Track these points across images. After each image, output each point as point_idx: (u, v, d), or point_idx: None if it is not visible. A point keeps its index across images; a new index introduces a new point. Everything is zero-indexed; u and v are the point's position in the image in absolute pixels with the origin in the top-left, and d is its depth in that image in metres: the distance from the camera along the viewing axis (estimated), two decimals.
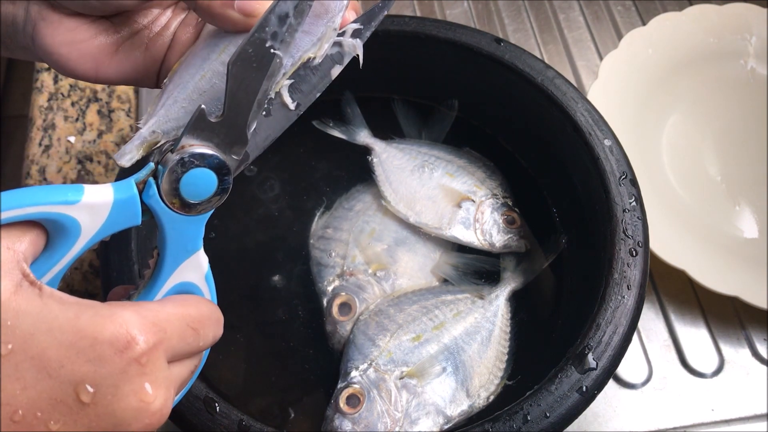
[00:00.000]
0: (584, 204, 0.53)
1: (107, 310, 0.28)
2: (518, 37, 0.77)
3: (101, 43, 0.40)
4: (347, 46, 0.38)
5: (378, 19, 0.39)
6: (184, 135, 0.33)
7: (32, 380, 0.26)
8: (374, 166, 0.60)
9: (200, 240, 0.35)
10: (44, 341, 0.26)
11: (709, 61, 0.72)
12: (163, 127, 0.38)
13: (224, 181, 0.34)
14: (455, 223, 0.56)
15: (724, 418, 0.56)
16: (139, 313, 0.29)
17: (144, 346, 0.28)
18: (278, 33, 0.34)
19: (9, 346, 0.26)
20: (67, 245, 0.30)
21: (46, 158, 0.67)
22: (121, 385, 0.27)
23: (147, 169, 0.33)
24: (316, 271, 0.56)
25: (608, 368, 0.44)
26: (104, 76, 0.41)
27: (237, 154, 0.34)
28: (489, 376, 0.51)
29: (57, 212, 0.29)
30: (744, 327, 0.60)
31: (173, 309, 0.31)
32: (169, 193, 0.33)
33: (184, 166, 0.33)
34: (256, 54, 0.34)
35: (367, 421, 0.47)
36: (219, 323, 0.34)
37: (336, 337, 0.53)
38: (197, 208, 0.34)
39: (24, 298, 0.27)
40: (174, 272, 0.34)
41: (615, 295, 0.46)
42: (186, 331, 0.31)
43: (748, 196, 0.66)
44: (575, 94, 0.54)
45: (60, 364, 0.26)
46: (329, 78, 0.38)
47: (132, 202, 0.32)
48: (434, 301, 0.53)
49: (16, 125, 1.55)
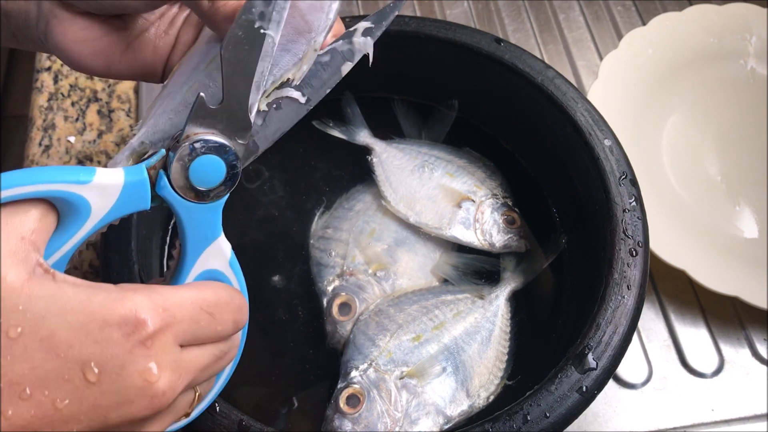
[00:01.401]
0: (584, 204, 0.53)
1: (118, 293, 0.29)
2: (518, 37, 0.77)
3: (112, 40, 0.41)
4: (358, 44, 0.38)
5: (389, 19, 0.39)
6: (188, 124, 0.33)
7: (40, 360, 0.27)
8: (374, 166, 0.60)
9: (219, 227, 0.35)
10: (55, 323, 0.28)
11: (709, 61, 0.72)
12: (152, 138, 0.39)
13: (233, 167, 0.34)
14: (455, 223, 0.56)
15: (724, 418, 0.56)
16: (149, 297, 0.30)
17: (151, 328, 0.29)
18: (265, 13, 0.34)
19: (18, 330, 0.27)
20: (76, 225, 0.31)
21: (46, 158, 0.67)
22: (126, 365, 0.28)
23: (158, 156, 0.33)
24: (316, 271, 0.56)
25: (608, 368, 0.44)
26: (115, 72, 0.42)
27: (242, 138, 0.34)
28: (489, 376, 0.51)
29: (68, 191, 0.30)
30: (744, 327, 0.60)
31: (187, 293, 0.31)
32: (180, 182, 0.33)
33: (191, 154, 0.33)
34: (246, 36, 0.34)
35: (367, 421, 0.47)
36: (241, 309, 0.34)
37: (336, 337, 0.53)
38: (209, 195, 0.34)
39: (37, 283, 0.28)
40: (197, 261, 0.35)
41: (615, 295, 0.46)
42: (199, 315, 0.31)
43: (748, 196, 0.66)
44: (575, 94, 0.54)
45: (69, 344, 0.28)
46: (339, 74, 0.38)
47: (142, 186, 0.33)
48: (434, 301, 0.53)
49: (16, 125, 1.55)
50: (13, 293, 0.27)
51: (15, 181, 0.29)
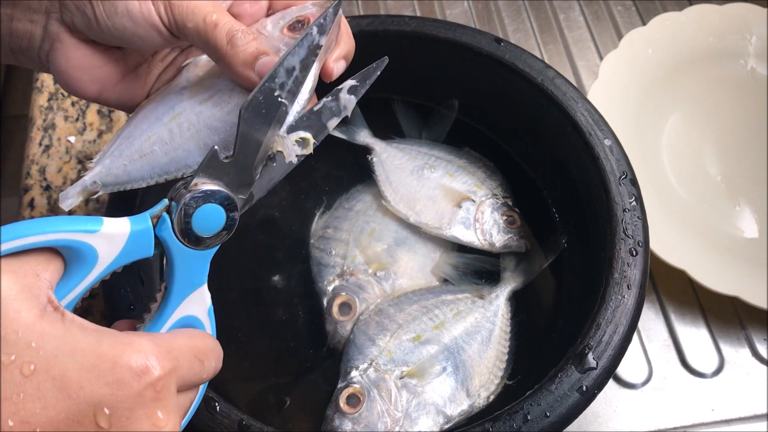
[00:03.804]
0: (584, 204, 0.53)
1: (126, 338, 0.30)
2: (518, 37, 0.77)
3: (110, 70, 0.43)
4: (344, 101, 0.41)
5: (372, 78, 0.43)
6: (198, 174, 0.36)
7: (53, 400, 0.27)
8: (374, 166, 0.60)
9: (205, 274, 0.37)
10: (66, 363, 0.28)
11: (709, 61, 0.72)
12: (105, 180, 0.42)
13: (231, 218, 0.37)
14: (455, 223, 0.56)
15: (724, 418, 0.56)
16: (155, 342, 0.30)
17: (161, 372, 0.29)
18: (285, 84, 0.38)
19: (32, 367, 0.27)
20: (83, 272, 0.32)
21: (46, 158, 0.67)
22: (136, 408, 0.28)
23: (161, 205, 0.35)
24: (316, 271, 0.56)
25: (608, 368, 0.44)
26: (104, 99, 0.44)
27: (243, 193, 0.38)
28: (489, 376, 0.51)
29: (77, 240, 0.31)
30: (744, 327, 0.60)
31: (183, 340, 0.32)
32: (182, 227, 0.35)
33: (197, 202, 0.35)
34: (265, 101, 0.37)
35: (367, 421, 0.47)
36: (220, 357, 0.35)
37: (336, 336, 0.53)
38: (206, 242, 0.36)
39: (48, 322, 0.28)
40: (180, 305, 0.36)
41: (615, 294, 0.46)
42: (194, 362, 0.32)
43: (748, 196, 0.66)
44: (575, 94, 0.54)
45: (80, 385, 0.27)
46: (327, 129, 0.41)
47: (146, 234, 0.34)
48: (434, 301, 0.53)
49: (16, 125, 1.55)
50: (27, 330, 0.27)
51: (27, 231, 0.30)
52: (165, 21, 0.39)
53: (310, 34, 0.39)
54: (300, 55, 0.39)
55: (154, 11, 0.39)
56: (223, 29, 0.39)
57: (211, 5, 0.40)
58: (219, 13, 0.39)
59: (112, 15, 0.39)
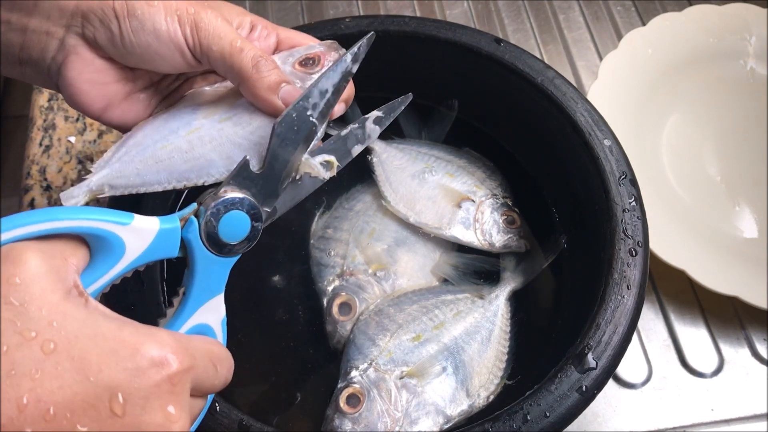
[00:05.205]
0: (584, 204, 0.53)
1: (147, 329, 0.30)
2: (518, 37, 0.77)
3: (118, 89, 0.43)
4: (369, 130, 0.45)
5: (397, 111, 0.46)
6: (228, 182, 0.38)
7: (70, 380, 0.27)
8: (374, 166, 0.60)
9: (224, 283, 0.38)
10: (87, 345, 0.28)
11: (709, 61, 0.72)
12: (114, 182, 0.42)
13: (254, 228, 0.38)
14: (455, 223, 0.57)
15: (723, 418, 0.56)
16: (175, 338, 0.30)
17: (179, 366, 0.29)
18: (318, 104, 0.40)
19: (52, 345, 0.27)
20: (109, 264, 0.33)
21: (46, 158, 0.68)
22: (151, 398, 0.28)
23: (190, 208, 0.36)
24: (316, 271, 0.56)
25: (608, 368, 0.44)
26: (106, 118, 0.44)
27: (269, 206, 0.39)
28: (489, 376, 0.51)
29: (108, 230, 0.32)
30: (744, 327, 0.60)
31: (201, 343, 0.33)
32: (208, 231, 0.36)
33: (226, 208, 0.36)
34: (298, 119, 0.39)
35: (367, 421, 0.47)
36: (231, 368, 0.35)
37: (336, 337, 0.53)
38: (228, 249, 0.37)
39: (72, 304, 0.29)
40: (196, 312, 0.37)
41: (615, 294, 0.46)
42: (209, 366, 0.33)
43: (748, 196, 0.66)
44: (575, 94, 0.54)
45: (99, 368, 0.28)
46: (351, 155, 0.44)
47: (173, 234, 0.35)
48: (434, 301, 0.53)
49: (16, 125, 1.55)
50: (51, 309, 0.28)
51: (61, 215, 0.30)
52: (190, 42, 0.41)
53: (344, 60, 0.41)
54: (333, 80, 0.41)
55: (180, 32, 0.40)
56: (249, 54, 0.41)
57: (235, 32, 0.41)
58: (243, 40, 0.41)
59: (139, 32, 0.40)
